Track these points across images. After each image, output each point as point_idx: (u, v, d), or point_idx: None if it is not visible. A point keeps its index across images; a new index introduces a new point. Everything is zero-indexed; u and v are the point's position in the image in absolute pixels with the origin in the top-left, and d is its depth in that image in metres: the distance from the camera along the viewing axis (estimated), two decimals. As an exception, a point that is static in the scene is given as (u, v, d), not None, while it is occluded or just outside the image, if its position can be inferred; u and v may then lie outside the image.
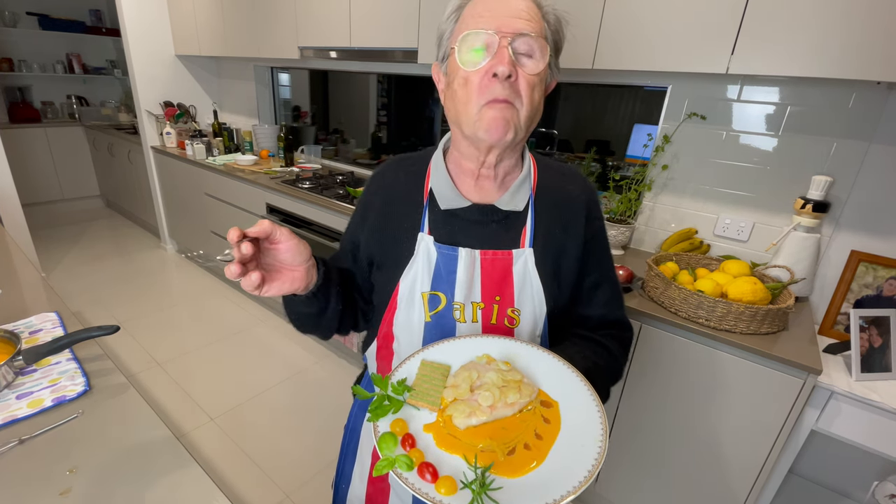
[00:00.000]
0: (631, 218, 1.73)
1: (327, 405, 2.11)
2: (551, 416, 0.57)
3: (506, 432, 0.54)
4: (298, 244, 0.60)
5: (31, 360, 0.85)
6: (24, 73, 4.13)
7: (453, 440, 0.54)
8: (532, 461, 0.51)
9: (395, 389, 0.59)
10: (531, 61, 0.61)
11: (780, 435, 1.18)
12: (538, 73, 0.61)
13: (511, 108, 0.62)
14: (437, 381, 0.60)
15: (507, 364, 0.61)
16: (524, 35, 0.59)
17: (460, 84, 0.63)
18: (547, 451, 0.53)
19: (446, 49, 0.66)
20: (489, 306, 0.70)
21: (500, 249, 0.70)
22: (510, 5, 0.60)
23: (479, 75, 0.60)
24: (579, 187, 0.75)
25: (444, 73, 0.68)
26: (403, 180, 0.75)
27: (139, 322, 2.65)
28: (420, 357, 0.64)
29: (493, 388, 0.57)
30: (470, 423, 0.54)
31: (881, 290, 1.33)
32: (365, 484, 0.84)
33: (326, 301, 0.70)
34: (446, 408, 0.57)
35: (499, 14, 0.60)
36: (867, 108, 1.30)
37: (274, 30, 2.43)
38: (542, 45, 0.61)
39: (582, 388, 0.59)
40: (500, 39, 0.59)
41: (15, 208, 2.48)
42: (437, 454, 0.52)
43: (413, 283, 0.71)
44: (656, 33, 1.31)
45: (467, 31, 0.61)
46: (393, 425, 0.55)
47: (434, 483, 0.48)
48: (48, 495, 0.64)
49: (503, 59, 0.59)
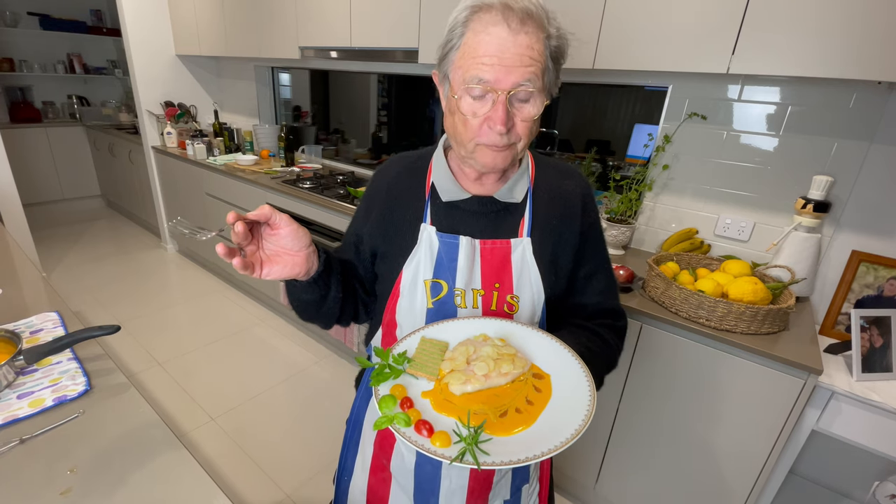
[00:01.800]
0: (631, 218, 1.72)
1: (327, 405, 2.11)
2: (543, 386, 0.60)
3: (498, 398, 0.57)
4: (298, 229, 0.63)
5: (31, 360, 0.85)
6: (24, 73, 4.13)
7: (449, 405, 0.57)
8: (522, 423, 0.55)
9: (396, 360, 0.62)
10: (528, 107, 0.63)
11: (780, 435, 1.18)
12: (534, 117, 0.64)
13: (508, 149, 0.66)
14: (436, 355, 0.64)
15: (502, 341, 0.65)
16: (523, 86, 0.61)
17: (459, 119, 0.65)
18: (537, 414, 0.56)
19: (446, 72, 0.67)
20: (489, 293, 0.73)
21: (499, 238, 0.73)
22: (515, 46, 0.59)
23: (478, 121, 0.63)
24: (575, 182, 0.78)
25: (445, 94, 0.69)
26: (406, 176, 0.79)
27: (140, 322, 2.65)
28: (420, 334, 0.68)
29: (488, 359, 0.61)
30: (465, 390, 0.58)
31: (882, 291, 1.33)
32: (367, 475, 0.85)
33: (327, 288, 0.72)
34: (443, 377, 0.60)
35: (500, 62, 0.59)
36: (868, 108, 1.30)
37: (274, 30, 2.43)
38: (539, 93, 0.63)
39: (573, 362, 0.62)
40: (499, 95, 0.61)
41: (16, 208, 2.48)
42: (434, 416, 0.56)
43: (416, 272, 0.74)
44: (657, 33, 1.31)
45: (466, 84, 0.62)
46: (393, 389, 0.58)
47: (430, 438, 0.51)
48: (49, 495, 0.64)
49: (500, 117, 0.61)
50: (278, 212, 0.60)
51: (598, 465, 1.55)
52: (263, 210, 0.59)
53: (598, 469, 1.56)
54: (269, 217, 0.59)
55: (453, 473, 0.74)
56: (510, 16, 0.59)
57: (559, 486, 1.70)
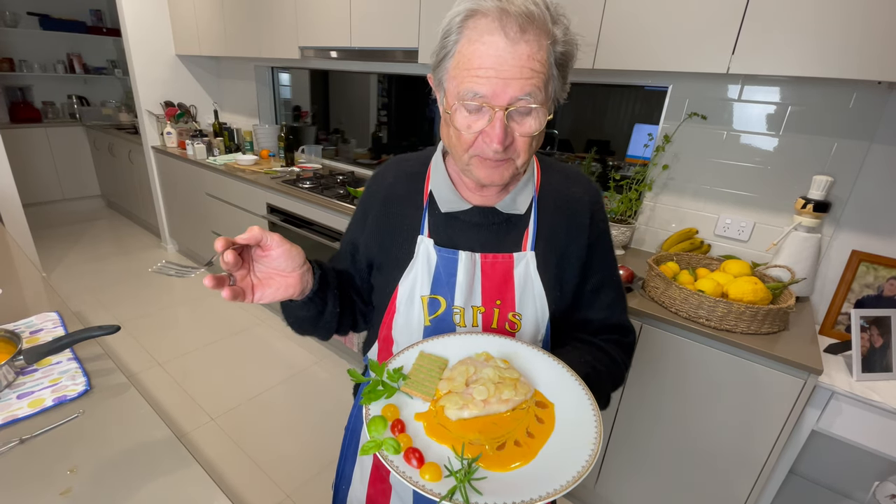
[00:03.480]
0: (631, 218, 1.72)
1: (327, 405, 2.11)
2: (546, 416, 0.56)
3: (497, 428, 0.53)
4: (290, 249, 0.59)
5: (31, 360, 0.85)
6: (24, 73, 4.14)
7: (443, 431, 0.53)
8: (520, 458, 0.51)
9: (391, 376, 0.58)
10: (529, 121, 0.58)
11: (780, 435, 1.18)
12: (535, 132, 0.59)
13: (506, 164, 0.61)
14: (434, 373, 0.60)
15: (505, 362, 0.60)
16: (522, 100, 0.56)
17: (455, 132, 0.60)
18: (537, 450, 0.52)
19: (441, 79, 0.62)
20: (489, 310, 0.69)
21: (501, 253, 0.69)
22: (513, 58, 0.54)
23: (474, 135, 0.59)
24: (583, 189, 0.73)
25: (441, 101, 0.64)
26: (403, 182, 0.74)
27: (140, 322, 2.65)
28: (419, 348, 0.64)
29: (488, 383, 0.56)
30: (461, 416, 0.54)
31: (882, 290, 1.33)
32: (366, 486, 0.83)
33: (323, 304, 0.69)
34: (440, 399, 0.56)
35: (497, 74, 0.54)
36: (868, 108, 1.30)
37: (274, 30, 2.43)
38: (541, 107, 0.58)
39: (580, 392, 0.58)
40: (496, 111, 0.56)
41: (16, 208, 2.48)
42: (426, 442, 0.52)
43: (412, 287, 0.70)
44: (657, 33, 1.31)
45: (461, 98, 0.57)
46: (384, 410, 0.55)
47: (419, 468, 0.48)
48: (48, 495, 0.64)
49: (497, 135, 0.56)
50: (269, 232, 0.56)
51: (598, 466, 1.55)
52: (253, 232, 0.55)
53: (598, 469, 1.56)
54: (260, 239, 0.55)
55: None
56: (508, 22, 0.53)
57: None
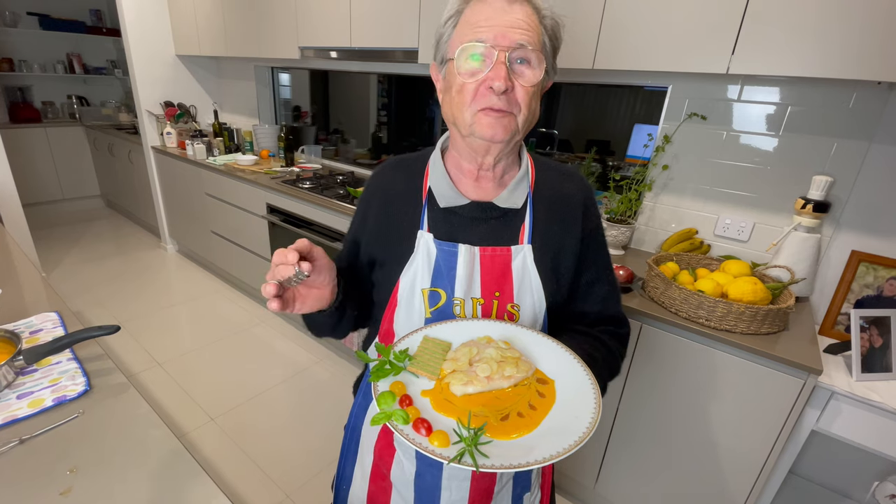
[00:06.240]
0: (631, 218, 1.73)
1: (327, 405, 2.11)
2: (546, 391, 0.59)
3: (500, 401, 0.56)
4: (329, 263, 0.63)
5: (31, 360, 0.85)
6: (24, 73, 4.13)
7: (449, 405, 0.56)
8: (524, 428, 0.53)
9: (397, 357, 0.61)
10: (529, 71, 0.62)
11: (780, 435, 1.18)
12: (535, 83, 0.63)
13: (508, 117, 0.63)
14: (438, 354, 0.62)
15: (506, 344, 0.63)
16: (522, 47, 0.60)
17: (457, 90, 0.64)
18: (540, 419, 0.54)
19: (444, 55, 0.67)
20: (489, 302, 0.72)
21: (499, 246, 0.71)
22: (509, 15, 0.60)
23: (476, 85, 0.62)
24: (577, 186, 0.76)
25: (443, 77, 0.69)
26: (402, 180, 0.77)
27: (139, 322, 2.65)
28: (423, 333, 0.66)
29: (491, 361, 0.59)
30: (466, 391, 0.56)
31: (882, 291, 1.33)
32: (366, 484, 0.84)
33: (345, 310, 0.72)
34: (444, 377, 0.59)
35: (497, 24, 0.60)
36: (868, 109, 1.30)
37: (274, 30, 2.43)
38: (538, 56, 0.62)
39: (578, 368, 0.61)
40: (498, 53, 0.60)
41: (15, 208, 2.48)
42: (433, 415, 0.54)
43: (413, 280, 0.72)
44: (656, 33, 1.31)
45: (464, 45, 0.61)
46: (392, 387, 0.57)
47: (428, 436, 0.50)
48: (48, 495, 0.64)
49: (500, 74, 0.60)
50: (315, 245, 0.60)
51: (597, 465, 1.55)
52: (305, 242, 0.59)
53: (598, 469, 1.56)
54: (310, 250, 0.59)
55: (454, 485, 0.73)
56: None
57: (559, 486, 1.70)
